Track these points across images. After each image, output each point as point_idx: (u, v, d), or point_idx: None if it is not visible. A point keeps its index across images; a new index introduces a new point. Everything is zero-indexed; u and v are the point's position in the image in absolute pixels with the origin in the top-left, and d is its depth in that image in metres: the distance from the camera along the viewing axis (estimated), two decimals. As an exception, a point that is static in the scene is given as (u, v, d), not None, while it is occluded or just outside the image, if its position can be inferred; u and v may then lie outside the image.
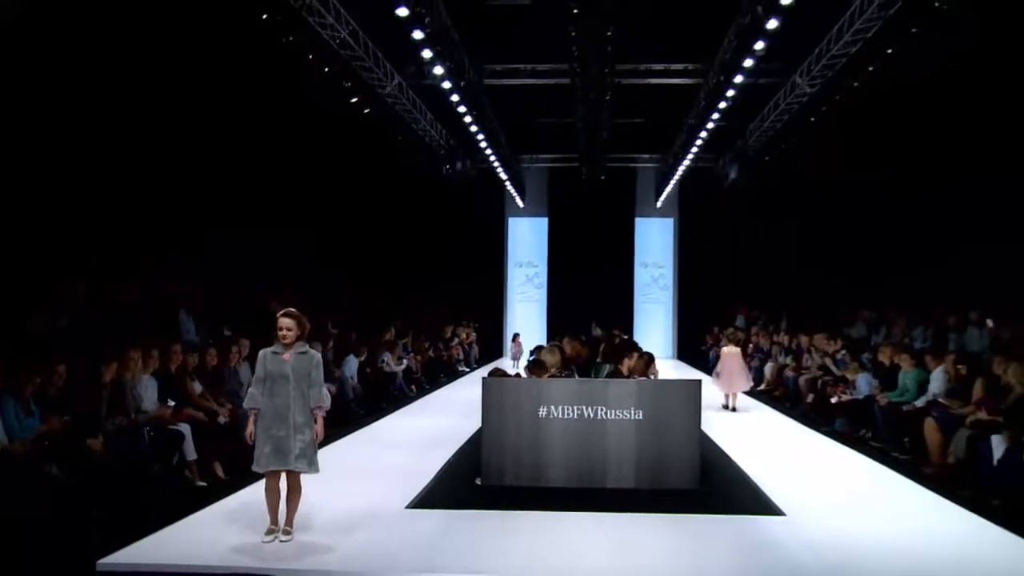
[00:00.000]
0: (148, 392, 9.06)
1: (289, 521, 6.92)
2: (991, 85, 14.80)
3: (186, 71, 14.10)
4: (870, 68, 14.11)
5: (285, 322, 6.91)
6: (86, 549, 6.51)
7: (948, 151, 16.73)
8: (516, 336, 22.41)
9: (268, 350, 6.99)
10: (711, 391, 15.41)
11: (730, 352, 16.03)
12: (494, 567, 6.46)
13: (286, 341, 6.89)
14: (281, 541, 6.81)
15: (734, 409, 15.36)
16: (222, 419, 9.74)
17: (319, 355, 7.18)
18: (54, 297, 11.39)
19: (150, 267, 14.20)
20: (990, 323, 12.79)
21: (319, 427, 6.98)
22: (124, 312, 11.90)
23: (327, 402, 7.14)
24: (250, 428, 6.85)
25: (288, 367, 6.84)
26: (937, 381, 11.21)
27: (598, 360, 11.90)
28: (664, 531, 7.40)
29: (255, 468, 6.86)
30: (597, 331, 18.71)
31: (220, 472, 9.27)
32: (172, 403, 9.35)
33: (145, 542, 6.82)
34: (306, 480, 6.97)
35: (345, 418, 13.24)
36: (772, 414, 15.37)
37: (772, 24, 12.71)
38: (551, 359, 10.73)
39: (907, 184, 18.56)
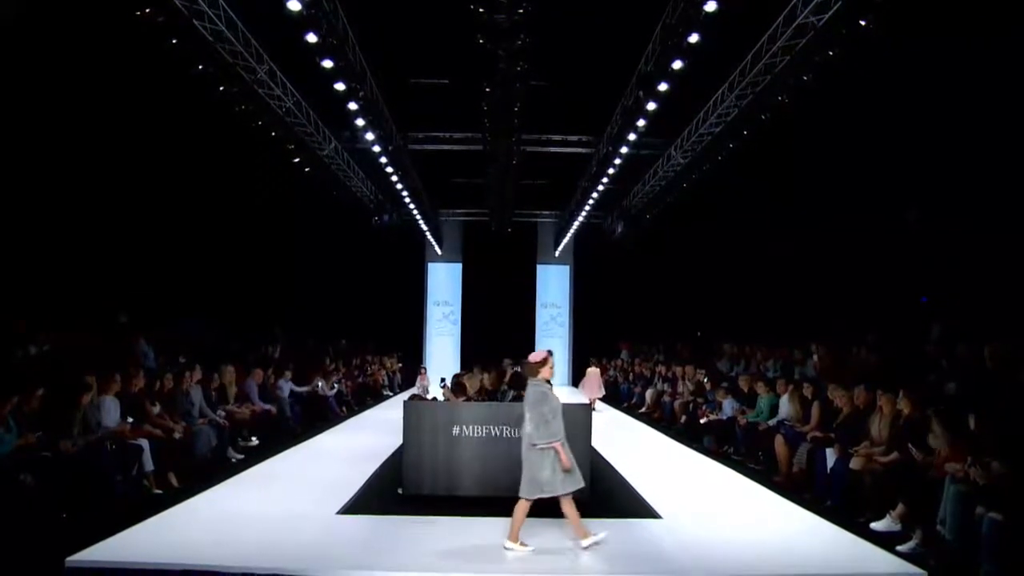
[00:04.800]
0: (111, 411, 8.88)
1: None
2: (822, 164, 15.65)
3: (151, 139, 14.00)
4: (731, 145, 14.73)
5: (553, 360, 6.79)
6: (56, 548, 6.40)
7: (790, 221, 17.60)
8: (423, 370, 21.94)
9: (545, 388, 6.76)
10: (602, 412, 16.13)
11: (592, 371, 19.09)
12: (414, 565, 6.47)
13: (553, 378, 6.76)
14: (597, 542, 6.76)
15: (593, 409, 15.95)
16: (177, 435, 9.59)
17: None
18: (31, 332, 11.16)
19: (117, 304, 13.95)
20: (816, 357, 13.29)
21: None
22: (94, 342, 11.67)
23: None
24: (566, 456, 6.65)
25: (559, 400, 6.77)
26: (785, 405, 11.51)
27: (504, 387, 12.00)
28: (559, 532, 7.44)
29: (576, 487, 6.74)
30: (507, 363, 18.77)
31: (174, 481, 9.12)
32: (131, 420, 9.17)
33: (108, 542, 6.73)
34: (251, 488, 6.90)
35: (285, 434, 13.15)
36: (651, 432, 15.55)
37: (651, 106, 13.19)
38: (471, 384, 10.82)
39: (764, 240, 19.32)
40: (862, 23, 9.90)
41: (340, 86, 12.52)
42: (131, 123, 13.71)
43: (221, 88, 11.71)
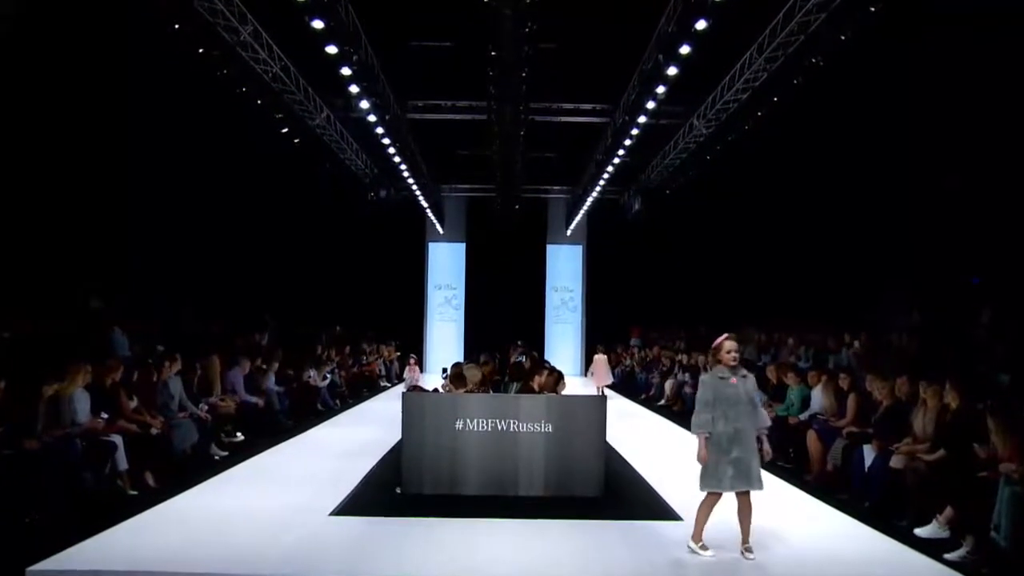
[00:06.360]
0: (81, 405, 8.78)
1: (746, 539, 6.82)
2: (862, 134, 15.45)
3: (119, 103, 13.82)
4: (759, 113, 14.54)
5: (732, 344, 6.74)
6: (16, 556, 6.28)
7: (825, 194, 17.41)
8: (413, 360, 21.32)
9: (712, 375, 6.79)
10: (617, 405, 15.98)
11: (600, 359, 19.82)
12: (414, 571, 6.39)
13: (733, 364, 6.73)
14: (748, 559, 6.71)
15: (603, 395, 16.09)
16: (154, 430, 9.50)
17: (753, 376, 7.04)
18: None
19: (86, 289, 13.85)
20: (857, 344, 13.18)
21: (766, 446, 6.87)
22: (62, 329, 11.57)
23: (769, 421, 6.99)
24: (704, 451, 6.68)
25: (740, 391, 6.69)
26: (818, 397, 11.37)
27: (506, 379, 11.89)
28: (570, 536, 7.42)
29: (713, 489, 6.71)
30: (517, 351, 18.69)
31: (151, 481, 9.03)
32: (105, 415, 9.08)
33: (76, 549, 6.62)
34: (235, 488, 6.82)
35: (273, 428, 13.09)
36: (670, 426, 15.44)
37: (672, 71, 13.01)
38: (473, 375, 10.70)
39: (793, 219, 19.17)
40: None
41: (332, 49, 12.36)
42: (102, 92, 13.56)
43: (200, 51, 11.55)
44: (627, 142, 17.40)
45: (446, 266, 28.63)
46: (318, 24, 11.47)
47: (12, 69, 11.87)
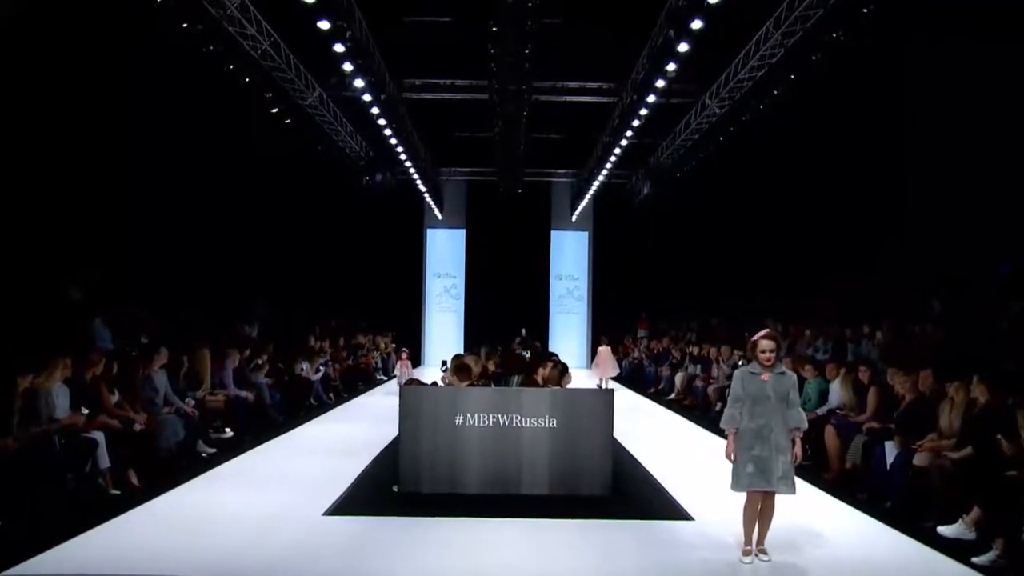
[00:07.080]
0: (60, 400, 8.72)
1: (761, 541, 6.77)
2: (883, 114, 15.35)
3: (103, 81, 13.73)
4: (775, 92, 14.45)
5: (767, 344, 6.73)
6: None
7: (845, 176, 17.32)
8: (404, 355, 20.86)
9: (745, 370, 6.86)
10: (625, 399, 15.91)
11: (604, 350, 20.09)
12: (410, 573, 6.38)
13: (768, 363, 6.72)
14: (762, 561, 6.68)
15: (606, 388, 16.45)
16: (138, 427, 9.45)
17: (795, 376, 7.04)
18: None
19: (65, 275, 13.77)
20: (878, 335, 13.12)
21: (797, 449, 6.79)
22: (39, 321, 11.51)
23: (805, 424, 6.97)
24: (731, 447, 6.72)
25: (769, 388, 6.67)
26: (836, 391, 11.34)
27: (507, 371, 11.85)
28: (576, 536, 7.41)
29: (735, 488, 6.71)
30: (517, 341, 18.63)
31: (135, 480, 8.95)
32: (85, 411, 9.03)
33: (54, 552, 6.57)
34: (224, 487, 6.79)
35: (263, 424, 13.09)
36: (681, 421, 15.50)
37: (683, 47, 12.93)
38: (475, 367, 10.68)
39: (810, 203, 19.09)
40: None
41: (324, 24, 12.31)
42: (88, 77, 13.47)
43: (184, 25, 11.45)
44: (636, 123, 17.33)
45: (445, 253, 28.58)
46: (309, -2, 11.40)
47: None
